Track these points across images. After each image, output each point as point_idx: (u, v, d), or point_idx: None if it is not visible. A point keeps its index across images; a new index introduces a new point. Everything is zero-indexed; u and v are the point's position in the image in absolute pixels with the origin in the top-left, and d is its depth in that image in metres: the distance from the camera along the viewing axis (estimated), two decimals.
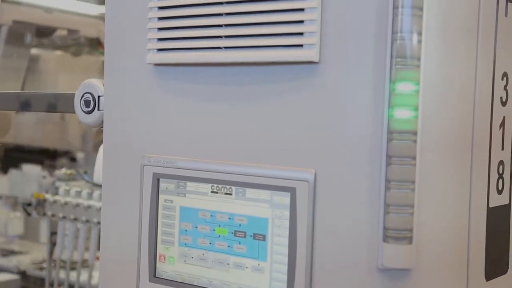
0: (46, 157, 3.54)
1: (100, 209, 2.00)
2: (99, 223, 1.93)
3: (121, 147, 0.94)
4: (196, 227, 0.86)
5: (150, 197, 0.89)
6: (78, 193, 2.06)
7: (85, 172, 2.18)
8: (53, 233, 2.15)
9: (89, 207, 2.01)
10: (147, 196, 0.90)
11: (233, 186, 0.83)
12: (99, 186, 1.96)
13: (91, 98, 0.99)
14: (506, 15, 0.84)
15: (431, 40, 0.73)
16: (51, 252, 2.16)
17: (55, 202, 2.07)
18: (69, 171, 2.21)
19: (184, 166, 0.87)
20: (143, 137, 0.92)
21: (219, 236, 0.84)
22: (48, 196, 2.10)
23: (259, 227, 0.81)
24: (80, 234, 2.03)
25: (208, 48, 0.84)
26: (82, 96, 1.00)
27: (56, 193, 2.11)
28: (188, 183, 0.87)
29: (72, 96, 1.03)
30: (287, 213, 0.79)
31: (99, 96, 0.99)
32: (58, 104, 1.19)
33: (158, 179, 0.89)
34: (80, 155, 3.60)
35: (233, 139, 0.83)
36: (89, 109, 1.00)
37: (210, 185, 0.85)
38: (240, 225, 0.82)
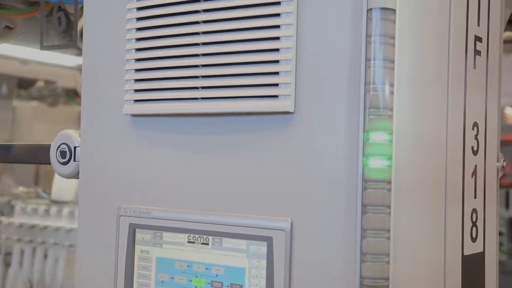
0: None
1: (56, 229, 1.96)
2: (55, 244, 1.90)
3: (96, 197, 0.94)
4: (173, 278, 0.85)
5: (126, 248, 0.89)
6: (35, 211, 2.01)
7: (44, 191, 2.14)
8: (7, 254, 2.09)
9: (45, 227, 1.97)
10: (123, 247, 0.89)
11: (209, 236, 0.83)
12: (56, 202, 1.93)
13: (67, 149, 0.99)
14: (474, 68, 0.86)
15: (403, 91, 0.74)
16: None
17: (9, 224, 2.02)
18: (26, 189, 2.17)
19: (161, 216, 0.86)
20: (119, 187, 0.92)
21: (196, 287, 0.83)
22: (3, 218, 2.05)
23: (236, 277, 0.80)
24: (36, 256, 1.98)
25: (185, 99, 0.85)
26: (58, 147, 1.00)
27: (11, 212, 2.06)
28: (165, 233, 0.86)
29: (47, 147, 1.03)
30: (264, 263, 0.78)
31: (75, 147, 0.99)
32: (33, 155, 1.18)
33: (134, 230, 0.88)
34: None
35: (209, 189, 0.84)
36: (65, 160, 0.99)
37: (186, 235, 0.84)
38: (217, 275, 0.82)
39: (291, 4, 0.77)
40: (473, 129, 0.87)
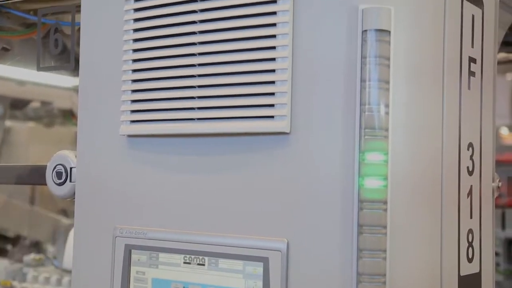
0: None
1: None
2: None
3: (92, 218, 0.94)
4: None
5: (122, 269, 0.88)
6: (47, 280, 1.99)
7: (55, 257, 2.13)
8: None
9: None
10: (118, 268, 0.89)
11: (205, 256, 0.82)
12: (68, 272, 1.91)
13: (63, 170, 0.99)
14: (469, 88, 0.87)
15: (398, 112, 0.75)
16: None
17: None
18: (37, 257, 2.15)
19: (156, 237, 0.86)
20: (115, 208, 0.91)
21: None
22: (16, 284, 2.03)
23: None
24: None
25: (181, 120, 0.85)
26: (54, 168, 1.00)
27: (23, 279, 2.04)
28: (161, 254, 0.86)
29: (43, 168, 1.03)
30: (260, 283, 0.78)
31: (71, 168, 0.99)
32: (28, 177, 1.18)
33: (130, 251, 0.88)
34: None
35: (205, 209, 0.84)
36: (61, 180, 0.99)
37: (182, 256, 0.84)
38: None
39: (287, 26, 0.78)
40: (468, 149, 0.87)
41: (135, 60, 0.89)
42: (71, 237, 1.78)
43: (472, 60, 0.88)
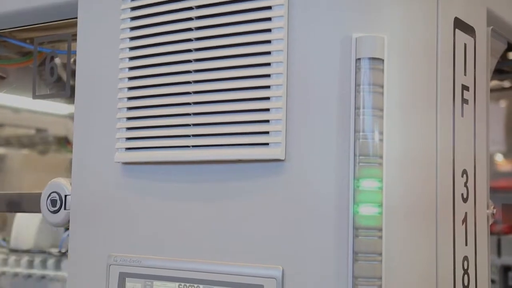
0: None
1: (15, 275, 1.91)
2: None
3: (86, 246, 0.93)
4: None
5: None
6: None
7: (4, 239, 2.10)
8: None
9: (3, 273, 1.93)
10: None
11: (200, 284, 0.82)
12: (15, 251, 1.90)
13: (57, 198, 0.99)
14: (462, 116, 0.88)
15: (392, 139, 0.75)
16: None
17: None
18: None
19: (151, 265, 0.86)
20: (109, 235, 0.91)
21: None
22: None
23: None
24: None
25: (176, 147, 0.85)
26: (49, 196, 1.00)
27: None
28: (155, 282, 0.85)
29: (38, 196, 1.02)
30: None
31: (66, 195, 0.98)
32: (23, 204, 1.18)
33: (124, 279, 0.88)
34: None
35: (200, 237, 0.83)
36: (56, 208, 0.99)
37: (177, 283, 0.84)
38: None
39: (281, 54, 0.78)
40: (462, 176, 0.88)
41: (130, 88, 0.90)
42: (18, 217, 1.76)
43: (465, 87, 0.88)
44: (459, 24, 0.87)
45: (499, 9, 1.05)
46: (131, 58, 0.90)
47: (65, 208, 0.98)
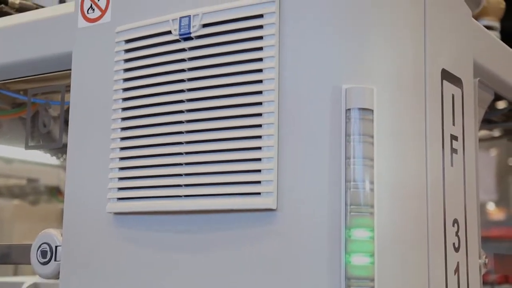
0: None
1: None
2: None
3: None
4: None
5: None
6: None
7: None
8: None
9: None
10: None
11: None
12: None
13: (48, 249, 0.98)
14: (452, 165, 0.89)
15: (383, 189, 0.76)
16: None
17: None
18: None
19: None
20: (100, 287, 0.90)
21: None
22: None
23: None
24: None
25: (168, 197, 0.85)
26: (39, 247, 0.99)
27: None
28: None
29: (28, 247, 1.02)
30: None
31: (56, 246, 0.98)
32: (12, 256, 1.16)
33: None
34: None
35: (191, 287, 0.83)
36: (46, 259, 0.98)
37: None
38: None
39: (272, 104, 0.79)
40: (453, 225, 0.88)
41: (122, 138, 0.90)
42: None
43: (454, 137, 0.90)
44: (446, 75, 0.89)
45: (485, 61, 1.07)
46: (124, 109, 0.91)
47: (55, 260, 0.97)
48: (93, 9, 0.96)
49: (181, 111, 0.86)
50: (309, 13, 0.79)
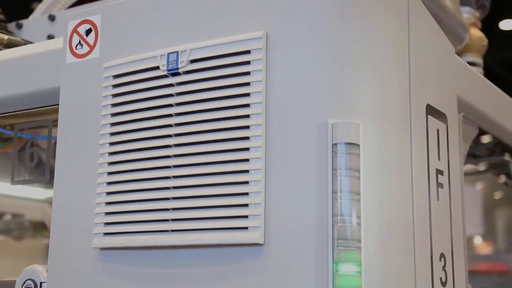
0: None
1: None
2: None
3: None
4: None
5: None
6: None
7: None
8: None
9: None
10: None
11: None
12: None
13: (32, 285, 0.97)
14: (438, 199, 0.89)
15: (370, 223, 0.76)
16: None
17: None
18: None
19: None
20: None
21: None
22: None
23: None
24: None
25: (155, 232, 0.85)
26: (24, 283, 0.98)
27: None
28: None
29: (12, 284, 1.00)
30: None
31: (41, 283, 0.97)
32: None
33: None
34: None
35: None
36: None
37: None
38: None
39: (259, 139, 0.80)
40: (440, 260, 0.88)
41: (109, 173, 0.90)
42: None
43: (439, 172, 0.90)
44: (431, 110, 0.90)
45: (469, 96, 1.09)
46: (111, 144, 0.91)
47: None
48: (82, 45, 0.97)
49: (169, 148, 0.86)
50: (296, 49, 0.80)
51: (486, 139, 1.35)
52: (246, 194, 0.80)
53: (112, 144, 0.91)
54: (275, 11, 0.82)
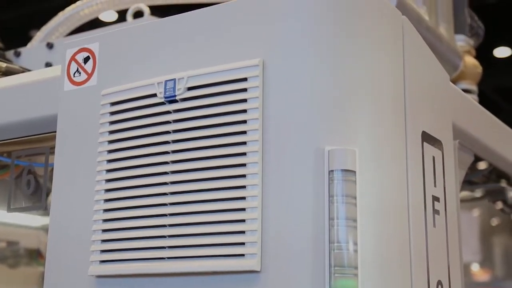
0: None
1: None
2: None
3: None
4: None
5: None
6: None
7: None
8: None
9: None
10: None
11: None
12: None
13: None
14: (434, 226, 0.89)
15: (367, 250, 0.76)
16: None
17: None
18: None
19: None
20: None
21: None
22: None
23: None
24: None
25: (152, 259, 0.85)
26: None
27: None
28: None
29: None
30: None
31: None
32: None
33: None
34: None
35: None
36: None
37: None
38: None
39: (256, 166, 0.80)
40: (437, 287, 0.88)
41: (106, 200, 0.90)
42: None
43: (435, 198, 0.91)
44: (426, 137, 0.90)
45: (464, 123, 1.10)
46: (108, 171, 0.91)
47: None
48: (80, 73, 0.98)
49: (166, 173, 0.86)
50: (292, 77, 0.81)
51: (482, 165, 1.35)
52: (243, 221, 0.80)
53: (109, 171, 0.91)
54: (272, 39, 0.83)
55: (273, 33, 0.83)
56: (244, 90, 0.82)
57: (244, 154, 0.81)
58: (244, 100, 0.82)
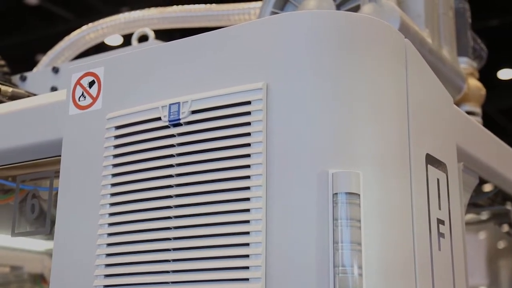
0: None
1: None
2: None
3: None
4: None
5: None
6: None
7: None
8: None
9: None
10: None
11: None
12: None
13: None
14: (439, 249, 0.89)
15: (371, 274, 0.75)
16: None
17: None
18: None
19: None
20: None
21: None
22: None
23: None
24: None
25: (156, 283, 0.84)
26: None
27: None
28: None
29: None
30: None
31: None
32: None
33: None
34: None
35: None
36: None
37: None
38: None
39: (260, 189, 0.80)
40: None
41: (110, 224, 0.90)
42: None
43: (440, 221, 0.90)
44: (430, 160, 0.90)
45: (468, 146, 1.10)
46: (113, 194, 0.91)
47: None
48: (85, 97, 0.98)
49: (170, 196, 0.86)
50: (296, 100, 0.81)
51: (487, 188, 1.35)
52: (247, 244, 0.79)
53: (113, 194, 0.91)
54: (275, 62, 0.83)
55: (276, 56, 0.83)
56: (248, 113, 0.83)
57: (248, 177, 0.81)
58: (248, 123, 0.82)
